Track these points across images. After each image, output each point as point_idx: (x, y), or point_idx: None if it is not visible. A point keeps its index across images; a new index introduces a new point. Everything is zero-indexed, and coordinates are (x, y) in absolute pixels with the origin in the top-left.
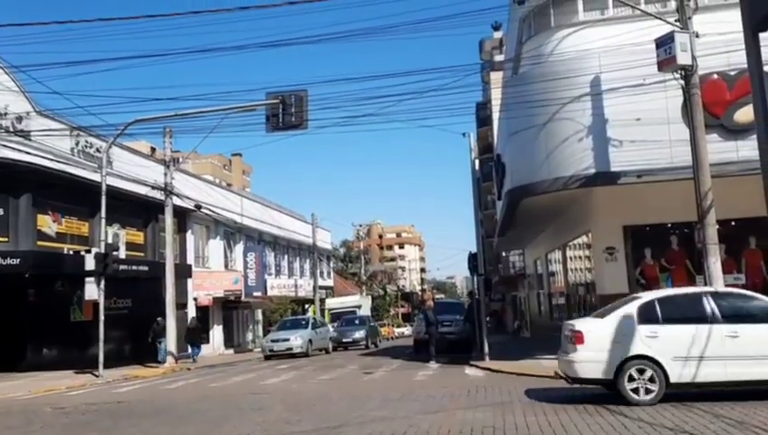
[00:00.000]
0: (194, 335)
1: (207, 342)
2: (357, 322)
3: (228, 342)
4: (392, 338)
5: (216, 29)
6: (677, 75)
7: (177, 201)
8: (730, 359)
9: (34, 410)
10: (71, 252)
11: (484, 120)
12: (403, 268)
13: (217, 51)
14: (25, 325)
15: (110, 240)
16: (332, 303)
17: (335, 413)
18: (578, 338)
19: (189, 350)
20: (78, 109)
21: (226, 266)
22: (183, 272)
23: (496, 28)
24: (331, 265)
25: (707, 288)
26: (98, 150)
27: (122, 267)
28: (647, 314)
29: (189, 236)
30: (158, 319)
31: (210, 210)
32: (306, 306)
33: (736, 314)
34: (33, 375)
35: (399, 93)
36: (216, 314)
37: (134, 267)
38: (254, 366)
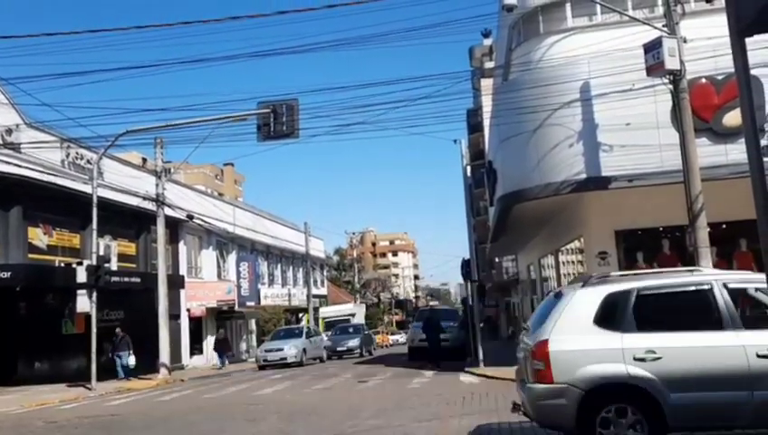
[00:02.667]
0: (222, 345)
1: (232, 351)
2: (351, 330)
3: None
4: (387, 346)
5: (206, 39)
6: (666, 80)
7: (168, 212)
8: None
9: (26, 424)
10: (62, 264)
11: (475, 126)
12: (397, 276)
13: (208, 61)
14: (17, 339)
15: (101, 252)
16: (326, 311)
17: (330, 423)
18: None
19: (218, 358)
20: (68, 120)
21: (219, 277)
22: (176, 283)
23: (486, 35)
24: (325, 273)
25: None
26: (89, 162)
27: (114, 279)
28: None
29: (182, 247)
30: (117, 330)
31: (202, 220)
32: (300, 315)
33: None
34: (25, 389)
35: (390, 101)
36: (210, 324)
37: (126, 279)
38: (249, 376)
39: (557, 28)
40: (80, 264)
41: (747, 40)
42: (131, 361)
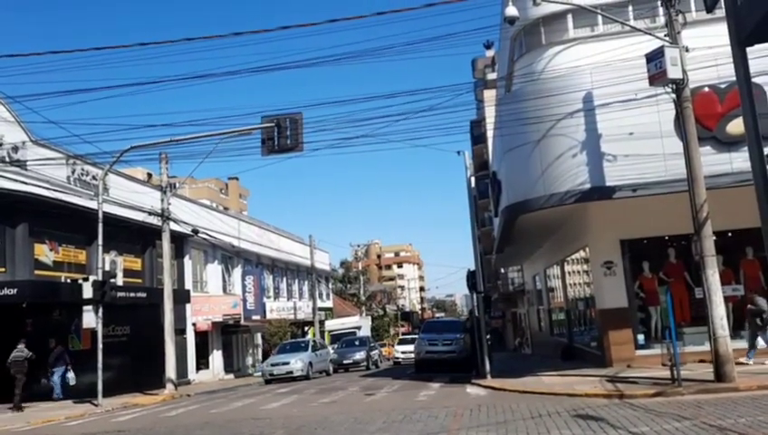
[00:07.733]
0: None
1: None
2: (357, 343)
3: (228, 366)
4: (393, 358)
5: (209, 55)
6: (669, 89)
7: (174, 226)
8: None
9: None
10: (68, 280)
11: (478, 137)
12: (402, 287)
13: (211, 76)
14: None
15: (107, 267)
16: (332, 324)
17: None
18: None
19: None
20: (74, 137)
21: (225, 290)
22: (181, 297)
23: (488, 47)
24: (330, 286)
25: None
26: (94, 178)
27: (120, 294)
28: None
29: (187, 262)
30: (52, 343)
31: (207, 235)
32: (306, 329)
33: None
34: (32, 406)
35: (394, 114)
36: (216, 338)
37: (132, 294)
38: (255, 391)
39: (559, 39)
40: (86, 280)
41: (749, 49)
42: (71, 377)
